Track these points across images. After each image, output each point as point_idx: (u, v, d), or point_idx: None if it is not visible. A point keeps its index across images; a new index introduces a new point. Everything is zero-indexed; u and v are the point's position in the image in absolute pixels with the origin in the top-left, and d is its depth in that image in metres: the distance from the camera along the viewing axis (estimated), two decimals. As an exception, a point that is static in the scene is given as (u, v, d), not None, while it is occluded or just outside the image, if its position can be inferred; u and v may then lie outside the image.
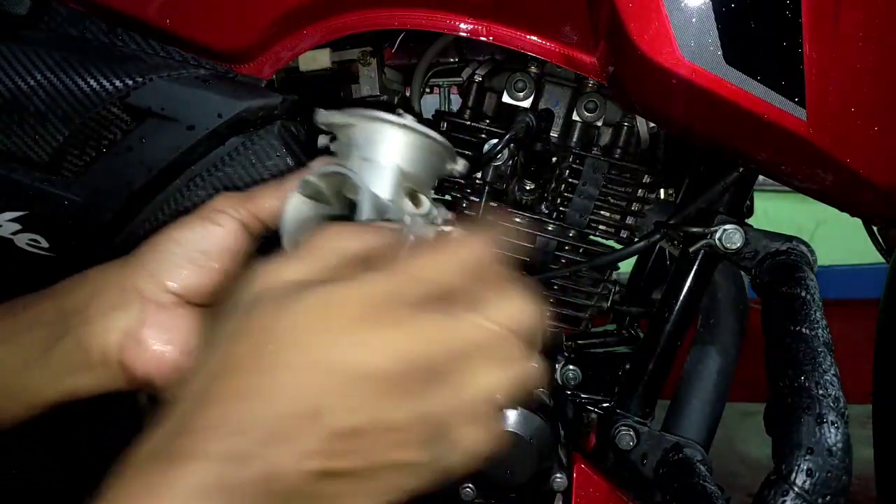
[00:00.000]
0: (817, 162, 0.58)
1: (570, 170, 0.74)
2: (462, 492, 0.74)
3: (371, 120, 0.50)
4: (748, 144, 0.60)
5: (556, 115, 0.75)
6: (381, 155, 0.50)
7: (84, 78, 0.63)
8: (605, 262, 0.74)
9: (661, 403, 0.73)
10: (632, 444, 0.70)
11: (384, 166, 0.50)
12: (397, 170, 0.50)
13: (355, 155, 0.51)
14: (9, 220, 0.67)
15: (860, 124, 0.56)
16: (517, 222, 0.74)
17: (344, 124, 0.51)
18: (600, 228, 0.75)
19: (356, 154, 0.51)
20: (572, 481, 0.72)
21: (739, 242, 0.67)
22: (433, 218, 0.53)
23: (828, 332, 0.60)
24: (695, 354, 0.75)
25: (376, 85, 0.77)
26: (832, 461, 0.54)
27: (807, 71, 0.53)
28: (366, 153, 0.50)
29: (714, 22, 0.52)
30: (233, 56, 0.66)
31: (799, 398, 0.56)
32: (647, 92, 0.58)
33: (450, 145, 0.54)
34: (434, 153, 0.53)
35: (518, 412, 0.72)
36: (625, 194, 0.75)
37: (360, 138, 0.51)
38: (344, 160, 0.51)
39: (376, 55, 0.77)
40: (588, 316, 0.76)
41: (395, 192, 0.50)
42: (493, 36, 0.63)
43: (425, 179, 0.53)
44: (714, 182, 0.69)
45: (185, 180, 0.66)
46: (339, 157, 0.52)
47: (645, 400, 0.72)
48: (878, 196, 0.61)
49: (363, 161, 0.50)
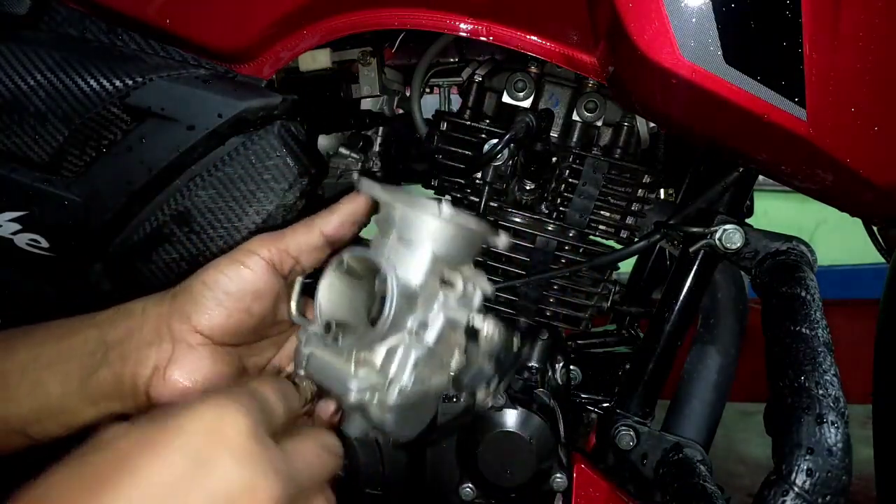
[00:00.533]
0: (817, 162, 0.58)
1: (570, 170, 0.74)
2: (462, 492, 0.74)
3: (410, 206, 0.53)
4: (748, 144, 0.60)
5: (556, 115, 0.75)
6: (416, 240, 0.53)
7: (84, 78, 0.63)
8: (605, 262, 0.74)
9: (661, 403, 0.73)
10: (632, 444, 0.70)
11: (419, 251, 0.52)
12: (432, 256, 0.53)
13: (393, 234, 0.53)
14: (9, 220, 0.67)
15: (860, 124, 0.56)
16: (517, 222, 0.74)
17: (385, 203, 0.54)
18: (600, 228, 0.75)
19: (394, 234, 0.53)
20: (572, 481, 0.72)
21: (739, 242, 0.67)
22: (468, 298, 0.55)
23: (828, 332, 0.60)
24: (695, 354, 0.75)
25: (376, 85, 0.77)
26: (832, 461, 0.54)
27: (807, 71, 0.53)
28: (403, 235, 0.53)
29: (714, 22, 0.52)
30: (233, 56, 0.66)
31: (799, 398, 0.57)
32: (647, 92, 0.58)
33: (487, 228, 0.56)
34: (471, 239, 0.55)
35: (518, 412, 0.72)
36: (625, 194, 0.75)
37: (399, 220, 0.53)
38: (383, 234, 0.54)
39: (376, 55, 0.77)
40: (588, 316, 0.76)
41: (428, 276, 0.53)
42: (493, 36, 0.63)
43: (462, 260, 0.56)
44: (714, 182, 0.69)
45: (185, 180, 0.66)
46: (379, 229, 0.55)
47: (645, 400, 0.72)
48: (878, 196, 0.61)
49: (399, 242, 0.53)
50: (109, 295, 0.71)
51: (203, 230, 0.66)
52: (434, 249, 0.53)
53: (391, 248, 0.53)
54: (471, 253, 0.56)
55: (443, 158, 0.75)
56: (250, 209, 0.66)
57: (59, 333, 0.54)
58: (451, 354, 0.56)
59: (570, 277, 0.75)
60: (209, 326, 0.53)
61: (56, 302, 0.74)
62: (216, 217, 0.66)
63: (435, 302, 0.53)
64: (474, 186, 0.74)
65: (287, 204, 0.66)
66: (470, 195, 0.75)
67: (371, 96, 0.78)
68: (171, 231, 0.67)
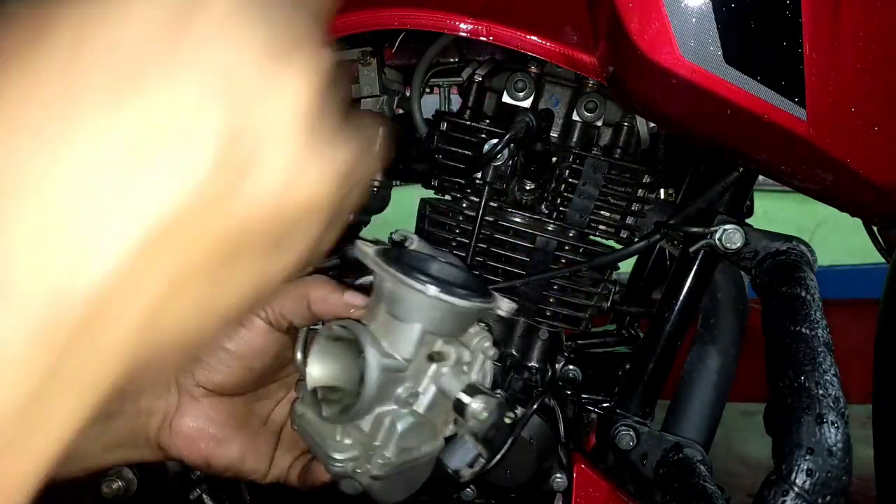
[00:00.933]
0: (817, 162, 0.58)
1: (570, 170, 0.74)
2: (462, 492, 0.74)
3: (399, 281, 0.50)
4: (748, 144, 0.60)
5: (556, 115, 0.75)
6: (405, 315, 0.51)
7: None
8: (605, 262, 0.74)
9: (661, 403, 0.73)
10: (632, 444, 0.70)
11: (407, 327, 0.51)
12: (421, 331, 0.51)
13: (382, 307, 0.52)
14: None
15: (860, 124, 0.56)
16: (517, 222, 0.74)
17: (377, 273, 0.52)
18: (600, 228, 0.75)
19: (383, 306, 0.52)
20: (572, 481, 0.72)
21: (739, 242, 0.67)
22: (463, 365, 0.54)
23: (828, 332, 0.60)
24: (695, 354, 0.75)
25: (376, 85, 0.77)
26: (832, 461, 0.54)
27: (807, 71, 0.53)
28: (392, 310, 0.51)
29: (714, 22, 0.52)
30: (233, 56, 0.66)
31: (799, 398, 0.56)
32: (647, 92, 0.58)
33: (486, 302, 0.54)
34: (465, 315, 0.54)
35: (518, 412, 0.72)
36: (625, 194, 0.75)
37: (388, 293, 0.52)
38: (373, 302, 0.53)
39: (376, 55, 0.77)
40: (588, 316, 0.76)
41: (416, 352, 0.51)
42: (493, 36, 0.63)
43: (456, 332, 0.54)
44: (714, 182, 0.69)
45: (185, 180, 0.66)
46: (371, 294, 0.54)
47: (645, 400, 0.72)
48: (878, 196, 0.61)
49: (388, 316, 0.52)
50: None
51: (203, 230, 0.66)
52: (423, 325, 0.51)
53: (380, 320, 0.52)
54: (465, 326, 0.55)
55: (443, 158, 0.75)
56: (250, 209, 0.66)
57: None
58: (448, 422, 0.56)
59: (570, 277, 0.75)
60: (211, 382, 0.56)
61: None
62: (216, 217, 0.66)
63: (426, 373, 0.53)
64: (474, 186, 0.74)
65: (287, 204, 0.66)
66: (470, 195, 0.75)
67: (371, 96, 0.78)
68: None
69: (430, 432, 0.54)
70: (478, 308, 0.53)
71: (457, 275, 0.58)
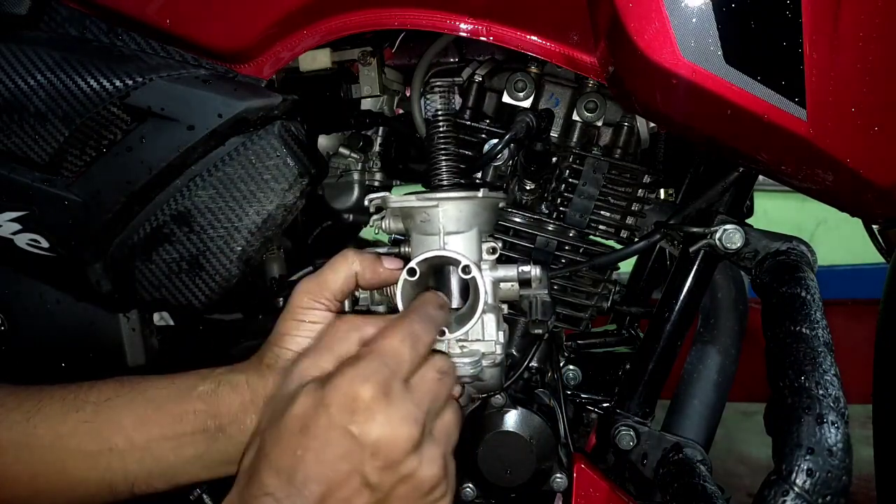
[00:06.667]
0: (817, 162, 0.58)
1: (570, 170, 0.74)
2: (462, 492, 0.74)
3: (456, 199, 0.59)
4: (748, 144, 0.60)
5: (556, 115, 0.75)
6: (464, 226, 0.60)
7: (84, 78, 0.63)
8: (605, 262, 0.74)
9: (661, 403, 0.73)
10: (632, 444, 0.70)
11: (469, 234, 0.60)
12: (478, 234, 0.61)
13: (441, 232, 0.60)
14: (9, 220, 0.67)
15: (860, 124, 0.56)
16: (517, 222, 0.74)
17: (429, 206, 0.60)
18: (600, 228, 0.75)
19: (442, 231, 0.60)
20: (572, 481, 0.72)
21: (739, 242, 0.67)
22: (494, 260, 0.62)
23: (828, 332, 0.60)
24: (695, 354, 0.75)
25: (376, 85, 0.77)
26: (832, 461, 0.54)
27: (807, 71, 0.53)
28: (451, 227, 0.60)
29: (714, 22, 0.52)
30: (233, 56, 0.66)
31: (799, 398, 0.56)
32: (648, 92, 0.58)
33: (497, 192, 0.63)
34: (495, 205, 0.63)
35: (518, 412, 0.72)
36: (625, 194, 0.75)
37: (444, 217, 0.59)
38: (427, 237, 0.61)
39: (376, 55, 0.77)
40: (588, 316, 0.76)
41: (480, 251, 0.61)
42: (493, 36, 0.63)
43: (493, 226, 0.64)
44: (714, 182, 0.69)
45: (186, 180, 0.66)
46: (420, 234, 0.61)
47: (645, 400, 0.72)
48: (878, 196, 0.60)
49: (450, 236, 0.60)
50: (110, 295, 0.71)
51: (203, 230, 0.66)
52: (479, 227, 0.60)
53: (449, 242, 0.59)
54: (495, 217, 0.64)
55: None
56: (250, 209, 0.66)
57: (159, 402, 0.56)
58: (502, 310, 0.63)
59: (570, 277, 0.75)
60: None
61: (57, 302, 0.74)
62: (216, 217, 0.66)
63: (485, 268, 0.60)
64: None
65: (287, 204, 0.66)
66: (470, 195, 0.75)
67: (371, 96, 0.78)
68: (171, 231, 0.67)
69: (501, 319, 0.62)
70: (497, 195, 0.62)
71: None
